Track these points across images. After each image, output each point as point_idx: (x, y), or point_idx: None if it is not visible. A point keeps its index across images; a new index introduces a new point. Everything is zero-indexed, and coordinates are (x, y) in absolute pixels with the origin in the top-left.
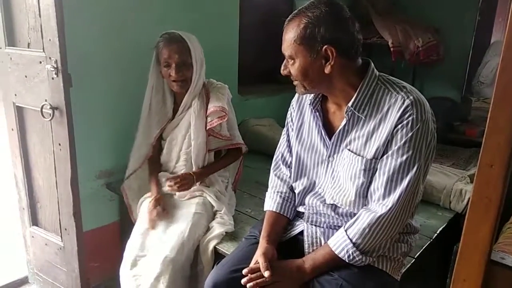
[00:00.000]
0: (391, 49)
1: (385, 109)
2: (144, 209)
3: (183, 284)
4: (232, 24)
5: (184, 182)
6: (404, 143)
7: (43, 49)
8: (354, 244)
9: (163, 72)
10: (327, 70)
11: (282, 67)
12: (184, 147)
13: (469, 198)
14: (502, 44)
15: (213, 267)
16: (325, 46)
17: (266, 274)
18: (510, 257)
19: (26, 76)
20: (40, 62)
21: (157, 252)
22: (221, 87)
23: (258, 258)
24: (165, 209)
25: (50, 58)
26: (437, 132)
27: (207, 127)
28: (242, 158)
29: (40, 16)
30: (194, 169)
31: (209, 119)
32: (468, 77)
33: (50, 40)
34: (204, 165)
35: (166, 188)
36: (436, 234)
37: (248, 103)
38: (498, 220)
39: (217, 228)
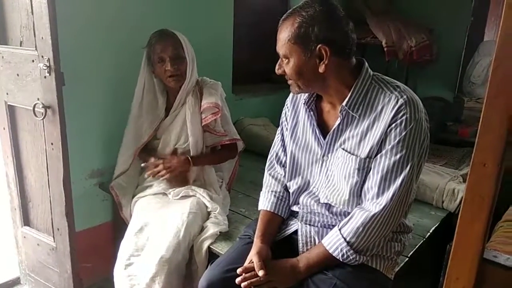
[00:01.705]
0: (385, 49)
1: (379, 108)
2: (137, 208)
3: (178, 284)
4: (226, 24)
5: (174, 165)
6: (398, 142)
7: (36, 47)
8: (348, 243)
9: (157, 69)
10: (321, 69)
11: (277, 67)
12: (180, 143)
13: (462, 197)
14: (492, 44)
15: (207, 267)
16: (319, 45)
17: (261, 273)
18: (502, 255)
19: (18, 75)
20: (33, 61)
21: (152, 252)
22: (214, 84)
23: (252, 257)
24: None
25: (42, 56)
26: (430, 132)
27: (202, 123)
28: (238, 159)
29: (32, 14)
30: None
31: (203, 115)
32: (461, 77)
33: (42, 38)
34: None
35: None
36: (429, 233)
37: (242, 102)
38: (490, 218)
39: (211, 228)
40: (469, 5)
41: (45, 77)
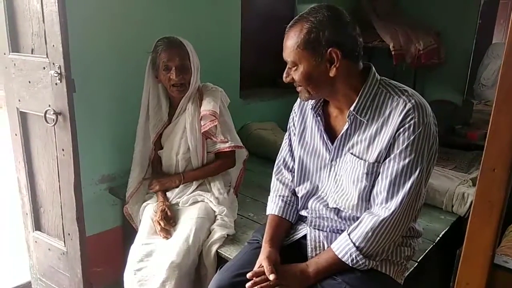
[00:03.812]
0: (393, 52)
1: (387, 112)
2: (147, 214)
3: None
4: (234, 29)
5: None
6: (406, 146)
7: (47, 55)
8: (357, 248)
9: (161, 76)
10: (332, 73)
11: (284, 75)
12: (182, 151)
13: (471, 201)
14: (502, 45)
15: (216, 271)
16: (330, 49)
17: (271, 277)
18: None
19: (29, 82)
20: (44, 68)
21: (162, 257)
22: (215, 91)
23: (262, 262)
24: (172, 218)
25: (53, 63)
26: (438, 136)
27: (202, 130)
28: (244, 165)
29: (43, 22)
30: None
31: (202, 122)
32: (470, 80)
33: (53, 46)
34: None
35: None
36: (439, 238)
37: (250, 107)
38: (501, 223)
39: (219, 231)
40: (477, 7)
41: (56, 84)
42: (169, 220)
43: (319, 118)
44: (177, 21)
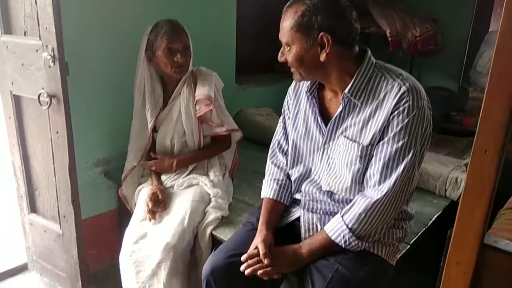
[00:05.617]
0: (389, 38)
1: (382, 95)
2: (141, 197)
3: (183, 270)
4: (229, 14)
5: (158, 163)
6: (400, 129)
7: (40, 37)
8: (350, 229)
9: (161, 59)
10: (322, 58)
11: (279, 54)
12: (177, 135)
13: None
14: (497, 34)
15: (211, 252)
16: (321, 34)
17: (266, 261)
18: (502, 240)
19: (22, 65)
20: (37, 50)
21: (157, 239)
22: (209, 74)
23: (258, 245)
24: (162, 202)
25: (46, 46)
26: (434, 122)
27: (197, 115)
28: (237, 147)
29: (36, 4)
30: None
31: (197, 107)
32: (466, 67)
33: (46, 28)
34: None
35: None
36: (431, 221)
37: (245, 92)
38: (491, 204)
39: (213, 213)
40: None
41: (49, 66)
42: (158, 203)
43: (314, 100)
44: (172, 4)
